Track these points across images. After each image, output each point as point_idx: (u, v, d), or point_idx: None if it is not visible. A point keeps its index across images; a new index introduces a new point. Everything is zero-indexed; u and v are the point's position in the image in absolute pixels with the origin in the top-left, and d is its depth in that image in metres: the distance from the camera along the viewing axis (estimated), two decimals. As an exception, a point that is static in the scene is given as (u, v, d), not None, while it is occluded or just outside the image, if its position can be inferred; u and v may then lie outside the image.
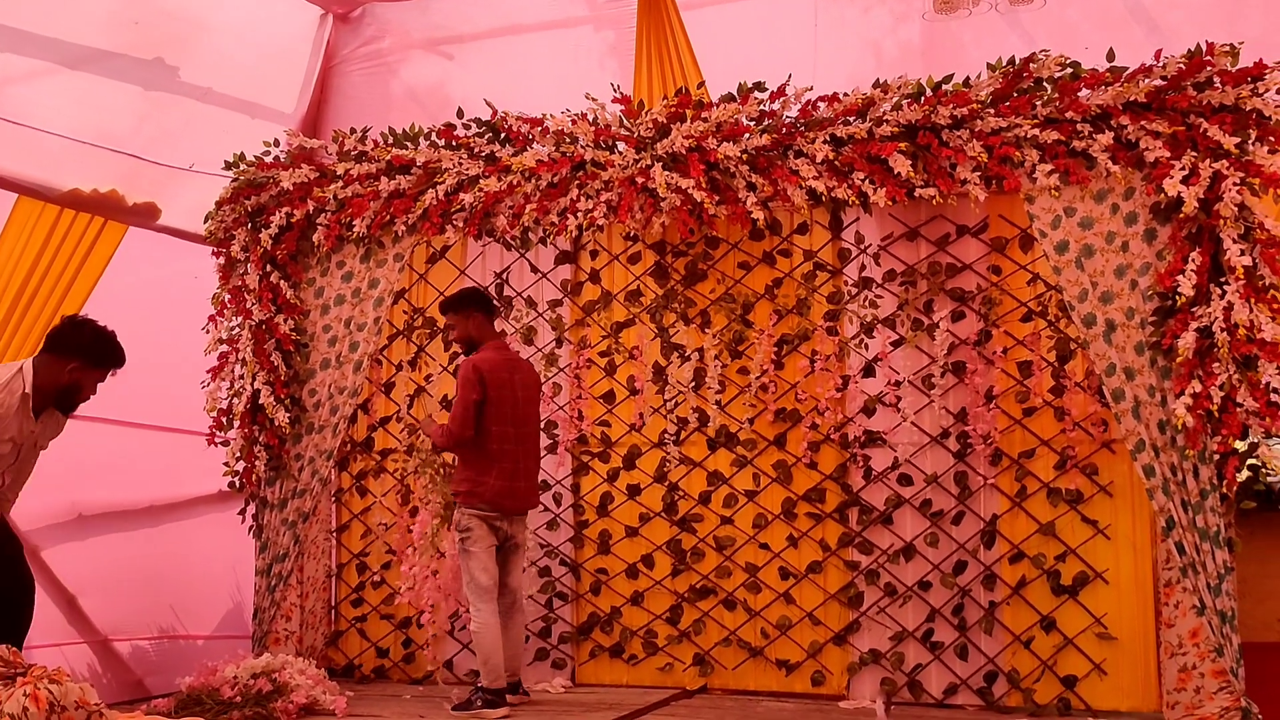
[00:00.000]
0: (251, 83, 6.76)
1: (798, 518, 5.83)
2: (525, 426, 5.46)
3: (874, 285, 5.77)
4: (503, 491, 5.35)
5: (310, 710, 5.23)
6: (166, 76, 6.37)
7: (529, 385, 5.51)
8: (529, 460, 5.48)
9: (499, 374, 5.39)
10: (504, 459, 5.36)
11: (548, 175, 5.74)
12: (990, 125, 5.10)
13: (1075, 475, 5.40)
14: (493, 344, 5.53)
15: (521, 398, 5.44)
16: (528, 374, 5.55)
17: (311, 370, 6.26)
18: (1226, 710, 4.80)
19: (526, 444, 5.46)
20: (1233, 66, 4.85)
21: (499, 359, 5.45)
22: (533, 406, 5.52)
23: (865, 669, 5.64)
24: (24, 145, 5.61)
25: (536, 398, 5.56)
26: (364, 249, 6.22)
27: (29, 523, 6.05)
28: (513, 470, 5.38)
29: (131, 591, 6.38)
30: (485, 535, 5.36)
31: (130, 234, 6.18)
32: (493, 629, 5.25)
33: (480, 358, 5.41)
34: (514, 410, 5.41)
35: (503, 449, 5.37)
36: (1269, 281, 4.73)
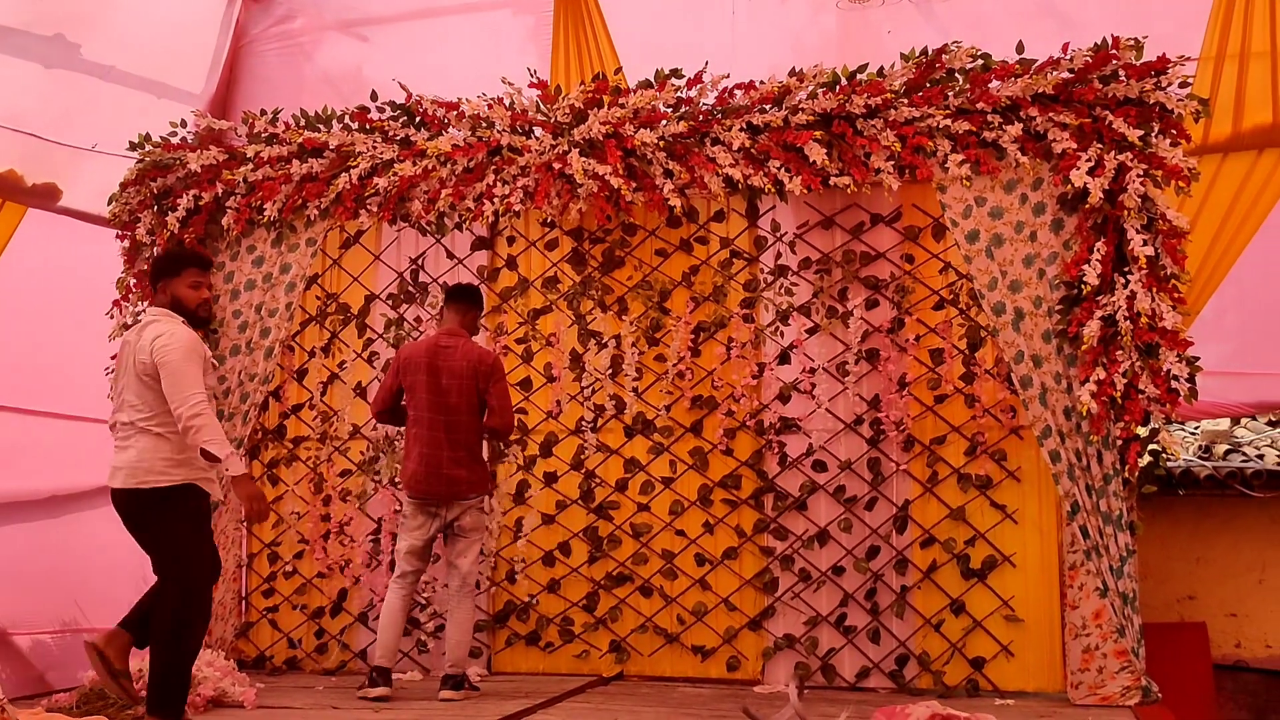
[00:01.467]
0: (157, 61, 6.58)
1: (714, 504, 5.86)
2: (445, 414, 5.37)
3: (789, 273, 5.81)
4: (418, 476, 5.34)
5: (219, 702, 5.13)
6: (68, 54, 6.18)
7: (456, 373, 5.38)
8: (453, 448, 5.36)
9: (415, 360, 5.38)
10: (419, 443, 5.36)
11: (463, 160, 5.68)
12: (904, 115, 5.16)
13: (985, 461, 5.50)
14: (439, 331, 5.58)
15: (445, 385, 5.37)
16: (456, 360, 5.41)
17: (221, 356, 6.13)
18: (1127, 690, 4.93)
19: (449, 431, 5.36)
20: (1137, 60, 4.96)
21: (422, 345, 5.46)
22: (457, 394, 5.38)
23: (780, 654, 5.68)
24: (-83, 123, 5.42)
25: (466, 385, 5.38)
26: (275, 233, 6.10)
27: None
28: (429, 455, 5.33)
29: (32, 584, 6.19)
30: (416, 524, 5.40)
31: (30, 215, 6.00)
32: (390, 609, 5.37)
33: (405, 344, 5.61)
34: (431, 396, 5.35)
35: (418, 433, 5.37)
36: (1170, 271, 4.86)
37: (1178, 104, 4.89)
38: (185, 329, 4.52)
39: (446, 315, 5.59)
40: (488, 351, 5.54)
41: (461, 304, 5.56)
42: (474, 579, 5.43)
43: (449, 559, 5.48)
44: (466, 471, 5.37)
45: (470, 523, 5.43)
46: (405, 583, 5.42)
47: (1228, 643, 6.82)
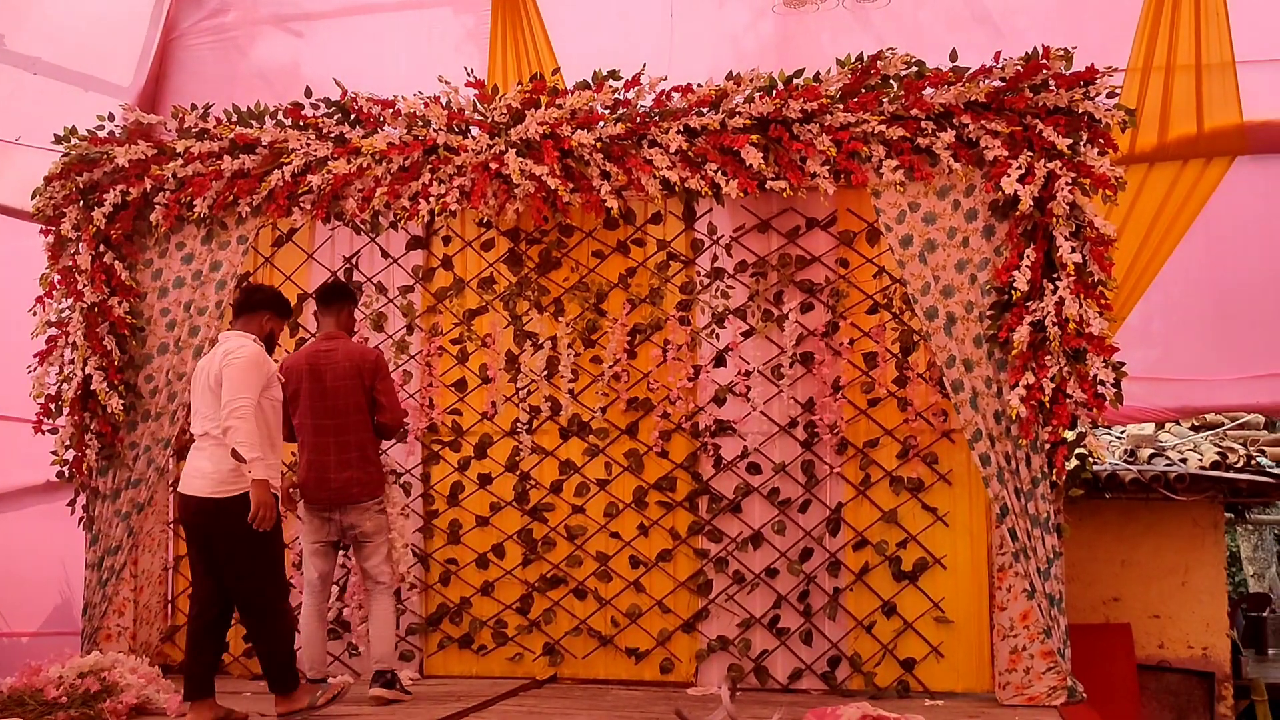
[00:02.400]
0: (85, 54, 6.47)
1: (648, 506, 5.86)
2: (331, 418, 5.27)
3: (726, 276, 5.82)
4: (308, 483, 5.27)
5: (142, 710, 5.03)
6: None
7: (340, 373, 5.28)
8: (342, 450, 5.27)
9: (295, 368, 5.30)
10: (305, 450, 5.30)
11: (399, 158, 5.63)
12: (839, 120, 5.19)
13: (917, 464, 5.56)
14: (318, 336, 5.49)
15: (329, 388, 5.27)
16: (339, 361, 5.30)
17: (148, 355, 6.01)
18: (1054, 690, 5.01)
19: (336, 434, 5.27)
20: (1067, 70, 5.05)
21: (301, 353, 5.40)
22: (344, 396, 5.28)
23: (713, 656, 5.70)
24: None
25: (350, 385, 5.28)
26: (205, 230, 6.00)
27: None
28: (320, 462, 5.25)
29: (-52, 588, 6.05)
30: (312, 530, 5.34)
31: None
32: (308, 620, 5.32)
33: (286, 356, 5.51)
34: (315, 401, 5.27)
35: (303, 441, 5.31)
36: (1097, 278, 4.95)
37: (1105, 114, 4.99)
38: (257, 346, 4.94)
39: (322, 320, 5.50)
40: (369, 349, 5.51)
41: (333, 304, 5.47)
42: (386, 576, 5.34)
43: (358, 564, 5.43)
44: (357, 473, 5.27)
45: (371, 527, 5.33)
46: (314, 590, 5.35)
47: (1151, 643, 6.96)
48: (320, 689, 5.11)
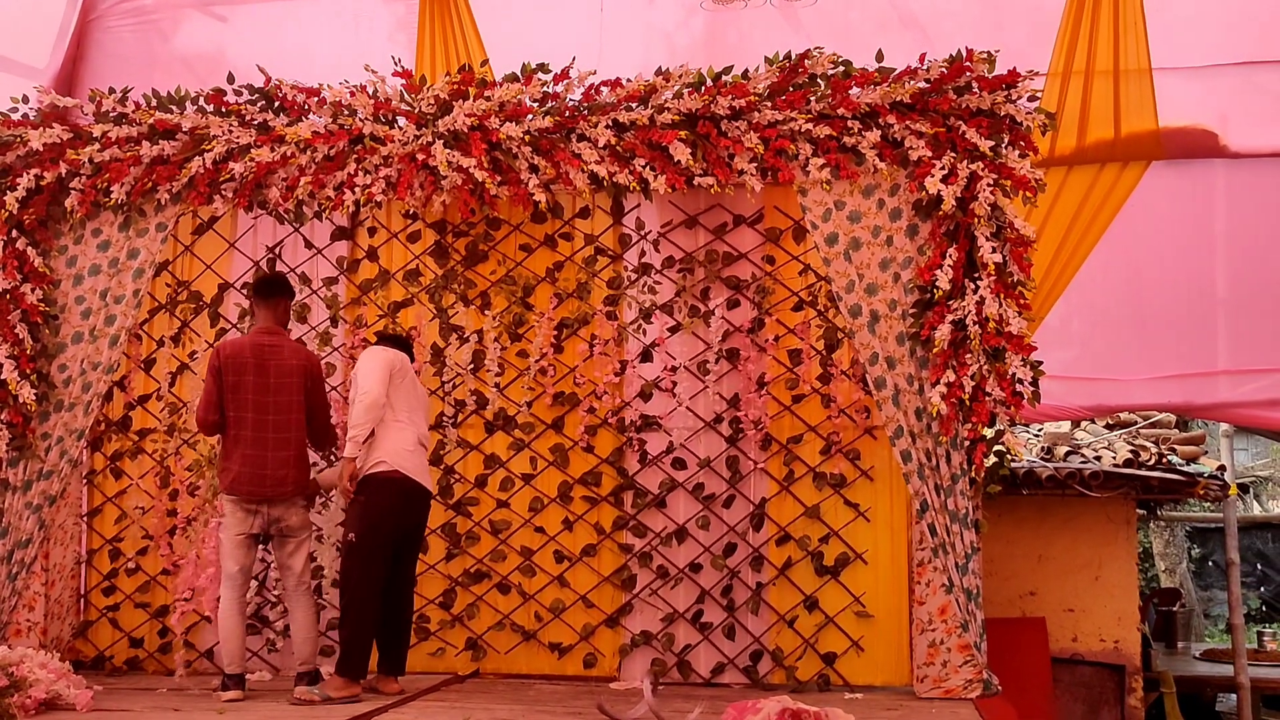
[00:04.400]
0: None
1: (574, 501, 5.85)
2: (274, 413, 5.24)
3: (653, 271, 5.83)
4: (240, 477, 5.20)
5: (52, 705, 4.90)
6: (-101, 22, 5.84)
7: (286, 371, 5.27)
8: (281, 447, 5.24)
9: (240, 359, 5.25)
10: (244, 444, 5.22)
11: (324, 148, 5.54)
12: (767, 118, 5.22)
13: (839, 460, 5.61)
14: (258, 328, 5.41)
15: (274, 383, 5.24)
16: (285, 358, 5.30)
17: (62, 344, 5.86)
18: (970, 682, 5.09)
19: (277, 430, 5.24)
20: (990, 73, 5.12)
21: (245, 342, 5.33)
22: (287, 393, 5.27)
23: (636, 650, 5.71)
24: None
25: (295, 383, 5.29)
26: (123, 217, 5.86)
27: None
28: (255, 456, 5.20)
29: None
30: (237, 522, 5.26)
31: None
32: (227, 615, 5.24)
33: (224, 342, 5.46)
34: (259, 396, 5.22)
35: (240, 434, 5.23)
36: (1017, 278, 5.03)
37: (1027, 117, 5.07)
38: None
39: (260, 312, 5.44)
40: (313, 354, 5.54)
41: (272, 298, 5.44)
42: (308, 575, 5.33)
43: (280, 560, 5.37)
44: (294, 471, 5.27)
45: (297, 522, 5.31)
46: (235, 584, 5.27)
47: (1065, 637, 7.11)
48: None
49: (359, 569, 5.15)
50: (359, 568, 5.16)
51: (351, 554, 5.17)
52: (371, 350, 5.34)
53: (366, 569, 5.15)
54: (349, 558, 5.19)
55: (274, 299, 5.44)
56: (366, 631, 5.18)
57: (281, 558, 5.35)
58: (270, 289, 5.49)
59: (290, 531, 5.29)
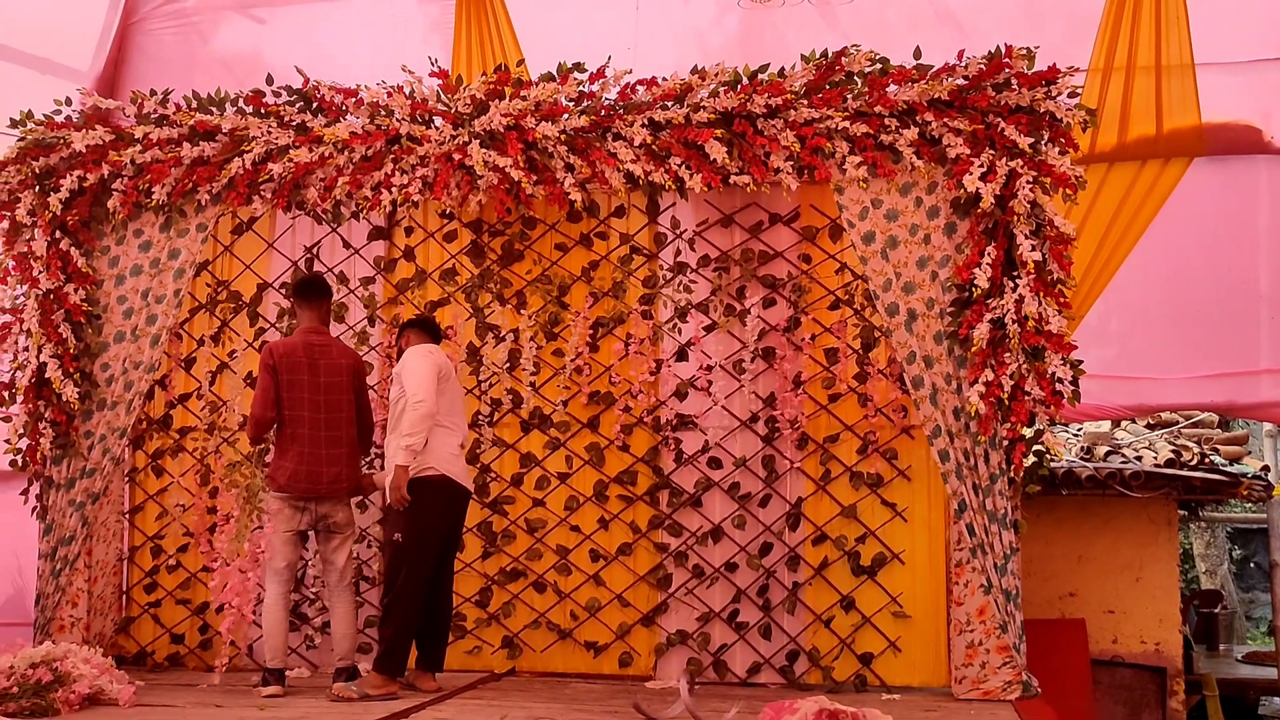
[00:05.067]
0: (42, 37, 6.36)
1: (609, 500, 5.86)
2: (326, 411, 5.29)
3: (688, 270, 5.83)
4: (296, 475, 5.26)
5: (95, 700, 4.96)
6: (-54, 26, 5.94)
7: (336, 370, 5.34)
8: (334, 445, 5.31)
9: (294, 358, 5.30)
10: (298, 442, 5.27)
11: (361, 148, 5.57)
12: (803, 116, 5.20)
13: (876, 460, 5.58)
14: (303, 328, 5.45)
15: (325, 382, 5.29)
16: (335, 358, 5.37)
17: (104, 343, 5.93)
18: (1009, 684, 5.05)
19: (330, 429, 5.30)
20: (1029, 69, 5.07)
21: (297, 342, 5.37)
22: (338, 391, 5.33)
23: (672, 649, 5.71)
24: None
25: (345, 382, 5.37)
26: (164, 217, 5.92)
27: None
28: (310, 454, 5.26)
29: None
30: (285, 519, 5.32)
31: (-99, 193, 5.74)
32: (272, 610, 5.30)
33: (276, 342, 5.48)
34: (313, 395, 5.28)
35: (296, 432, 5.28)
36: (1057, 276, 4.98)
37: (1067, 113, 5.02)
38: None
39: (303, 313, 5.50)
40: (357, 353, 5.62)
41: (315, 298, 5.51)
42: (350, 573, 5.37)
43: (324, 555, 5.42)
44: (345, 469, 5.33)
45: (344, 518, 5.37)
46: (281, 580, 5.34)
47: (1105, 639, 7.04)
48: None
49: (405, 569, 5.19)
50: (406, 568, 5.19)
51: (398, 554, 5.21)
52: (418, 351, 5.33)
53: (413, 570, 5.19)
54: (396, 558, 5.22)
55: (316, 299, 5.52)
56: (408, 631, 5.23)
57: (325, 553, 5.40)
58: (312, 290, 5.55)
59: (336, 528, 5.35)
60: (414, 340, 5.47)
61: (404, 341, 5.51)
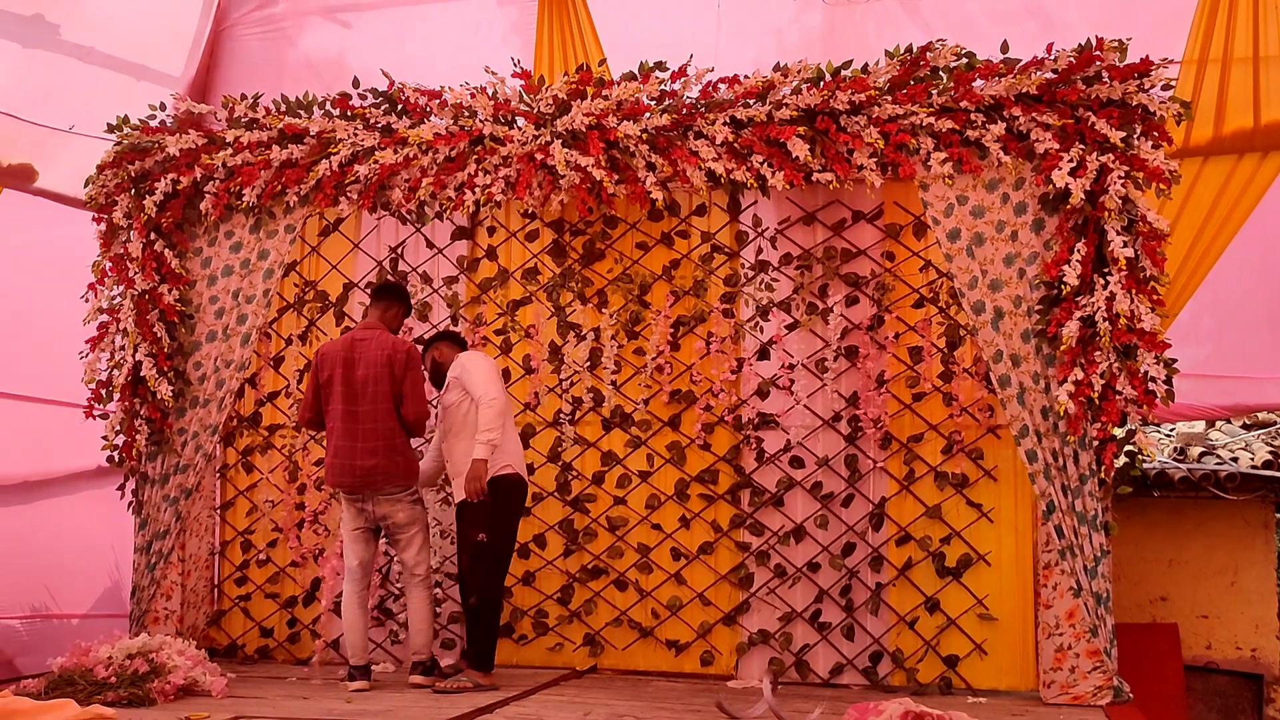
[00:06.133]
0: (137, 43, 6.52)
1: (690, 499, 5.85)
2: (361, 404, 5.30)
3: (770, 268, 5.80)
4: (336, 469, 5.32)
5: (189, 691, 5.08)
6: (46, 34, 6.12)
7: (371, 363, 5.31)
8: (370, 438, 5.29)
9: (330, 356, 5.37)
10: (334, 436, 5.34)
11: (445, 149, 5.64)
12: (887, 112, 5.15)
13: (961, 460, 5.51)
14: (358, 326, 5.54)
15: (360, 375, 5.31)
16: (371, 351, 5.33)
17: (197, 343, 6.08)
18: (1099, 689, 4.95)
19: (363, 421, 5.30)
20: (1121, 62, 4.97)
21: (340, 341, 5.45)
22: (374, 384, 5.31)
23: (754, 649, 5.68)
24: (-110, 100, 5.35)
25: (381, 374, 5.30)
26: (254, 219, 6.05)
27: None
28: (347, 448, 5.29)
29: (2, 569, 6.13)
30: (349, 518, 5.42)
31: (4, 196, 5.94)
32: (348, 608, 5.40)
33: (324, 343, 5.63)
34: (346, 388, 5.31)
35: (333, 427, 5.35)
36: (1150, 273, 4.87)
37: (1160, 106, 4.91)
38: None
39: (369, 311, 5.56)
40: (404, 341, 5.52)
41: (384, 300, 5.55)
42: (422, 568, 5.40)
43: (395, 553, 5.51)
44: (382, 461, 5.28)
45: (404, 518, 5.38)
46: (355, 579, 5.41)
47: (1199, 644, 6.87)
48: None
49: (493, 566, 5.31)
50: (493, 566, 5.31)
51: (484, 553, 5.28)
52: (476, 355, 5.51)
53: (499, 566, 5.34)
54: (482, 556, 5.29)
55: (382, 300, 5.56)
56: (497, 625, 5.40)
57: (395, 551, 5.49)
58: (382, 291, 5.63)
59: (398, 528, 5.39)
60: (447, 352, 5.58)
61: (437, 354, 5.62)
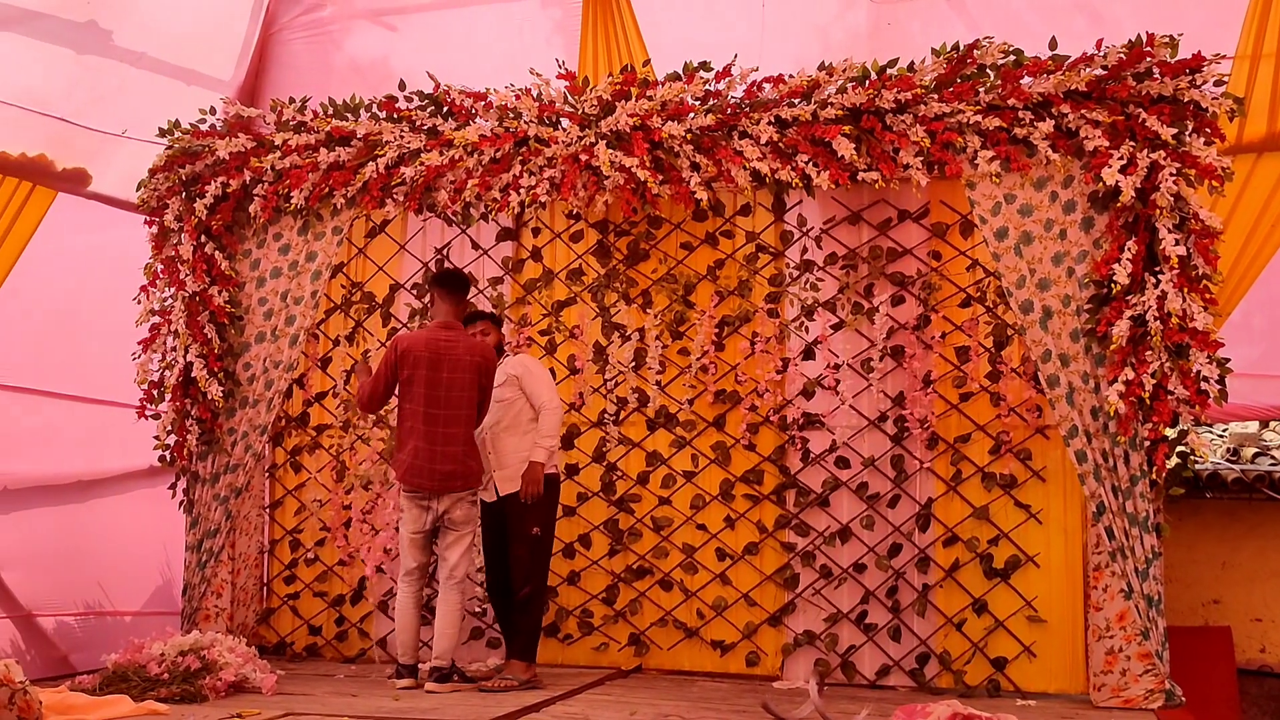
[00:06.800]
0: (187, 49, 6.60)
1: (735, 499, 5.84)
2: (444, 408, 5.32)
3: (815, 268, 5.78)
4: (410, 469, 5.33)
5: (240, 688, 5.14)
6: (100, 40, 6.20)
7: (459, 366, 5.34)
8: (449, 443, 5.31)
9: (414, 353, 5.35)
10: (414, 437, 5.33)
11: (490, 150, 5.67)
12: (933, 110, 5.12)
13: (1009, 460, 5.46)
14: (436, 323, 5.49)
15: (446, 378, 5.33)
16: (460, 354, 5.36)
17: (246, 343, 6.15)
18: (1151, 693, 4.89)
19: (446, 424, 5.31)
20: (1172, 58, 4.91)
21: (422, 336, 5.42)
22: (459, 388, 5.33)
23: (800, 650, 5.67)
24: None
25: (469, 379, 5.34)
26: (302, 221, 6.11)
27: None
28: (425, 450, 5.30)
29: (57, 566, 6.23)
30: (411, 520, 5.41)
31: (59, 200, 6.03)
32: (403, 609, 5.42)
33: (404, 334, 5.60)
34: (430, 390, 5.31)
35: (413, 427, 5.34)
36: (1202, 271, 4.80)
37: (1212, 102, 4.84)
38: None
39: (438, 305, 5.49)
40: (488, 347, 5.51)
41: (455, 293, 5.50)
42: (460, 572, 5.39)
43: (438, 550, 5.49)
44: (459, 465, 5.32)
45: (461, 516, 5.39)
46: (412, 579, 5.43)
47: (1253, 647, 6.77)
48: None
49: (543, 560, 5.47)
50: (543, 559, 5.46)
51: (538, 547, 5.41)
52: (536, 361, 5.67)
53: (547, 559, 5.51)
54: (536, 551, 5.41)
55: (454, 292, 5.50)
56: (542, 617, 5.56)
57: (440, 548, 5.47)
58: (451, 282, 5.53)
59: (453, 525, 5.40)
60: (495, 336, 5.60)
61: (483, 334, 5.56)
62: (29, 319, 6.07)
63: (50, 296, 6.18)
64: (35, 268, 5.92)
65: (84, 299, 6.36)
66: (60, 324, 6.27)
